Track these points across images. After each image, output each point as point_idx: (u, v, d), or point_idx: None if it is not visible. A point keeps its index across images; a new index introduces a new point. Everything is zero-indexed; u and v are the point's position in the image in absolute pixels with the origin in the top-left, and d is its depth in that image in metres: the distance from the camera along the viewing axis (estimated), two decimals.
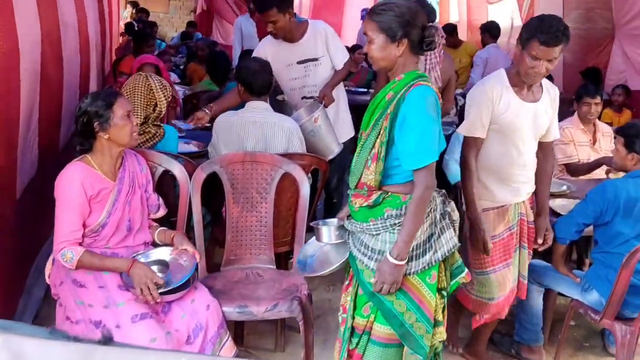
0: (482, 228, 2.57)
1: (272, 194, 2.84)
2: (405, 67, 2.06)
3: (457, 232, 2.18)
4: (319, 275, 2.34)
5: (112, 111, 2.32)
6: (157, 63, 3.94)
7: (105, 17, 6.47)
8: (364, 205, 2.10)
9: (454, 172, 3.95)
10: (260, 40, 5.34)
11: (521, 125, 2.56)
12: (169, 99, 2.99)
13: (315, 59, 3.61)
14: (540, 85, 2.61)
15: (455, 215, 2.18)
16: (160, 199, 2.65)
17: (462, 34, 9.47)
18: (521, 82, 2.54)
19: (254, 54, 3.70)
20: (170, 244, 2.52)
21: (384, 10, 2.01)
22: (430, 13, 3.41)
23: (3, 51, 2.38)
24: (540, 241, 2.76)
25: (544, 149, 2.73)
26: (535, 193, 2.76)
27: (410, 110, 1.98)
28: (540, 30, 2.36)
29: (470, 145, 2.61)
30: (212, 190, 3.00)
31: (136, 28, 7.56)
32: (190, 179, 2.70)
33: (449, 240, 2.11)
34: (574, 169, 3.82)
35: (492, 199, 2.65)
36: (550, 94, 2.65)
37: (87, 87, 4.82)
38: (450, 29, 7.08)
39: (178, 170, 2.71)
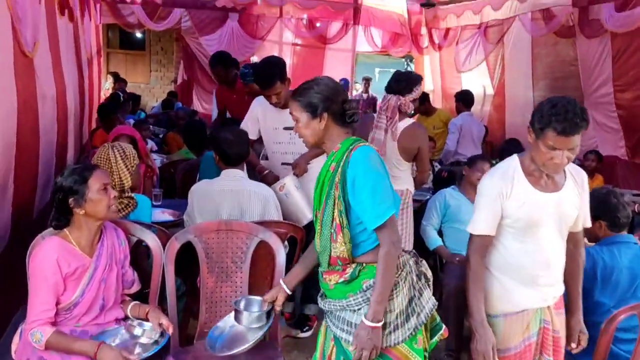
0: (484, 340, 2.27)
1: (247, 263, 2.80)
2: (338, 138, 2.12)
3: (431, 288, 2.18)
4: (232, 354, 2.23)
5: (87, 186, 2.29)
6: (133, 134, 3.90)
7: (85, 87, 6.54)
8: (339, 281, 2.07)
9: (432, 238, 3.96)
10: (220, 110, 5.56)
11: (541, 220, 2.25)
12: (133, 169, 2.95)
13: None
14: (563, 169, 2.30)
15: (429, 274, 2.18)
16: (136, 273, 2.59)
17: (438, 102, 9.77)
18: (538, 170, 2.26)
19: (249, 112, 3.78)
20: (145, 319, 2.43)
21: (305, 90, 2.13)
22: (416, 80, 3.61)
23: None
24: (574, 345, 2.46)
25: (575, 239, 2.42)
26: (565, 287, 2.44)
27: (357, 171, 2.01)
28: (556, 118, 2.07)
29: (476, 243, 2.33)
30: (188, 259, 2.95)
31: (122, 99, 7.66)
32: (164, 248, 2.66)
33: (428, 300, 2.11)
34: None
35: (512, 302, 2.34)
36: (576, 179, 2.34)
37: (65, 155, 4.81)
38: (422, 97, 7.26)
39: (151, 240, 2.67)
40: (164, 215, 3.54)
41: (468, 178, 4.04)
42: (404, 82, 3.58)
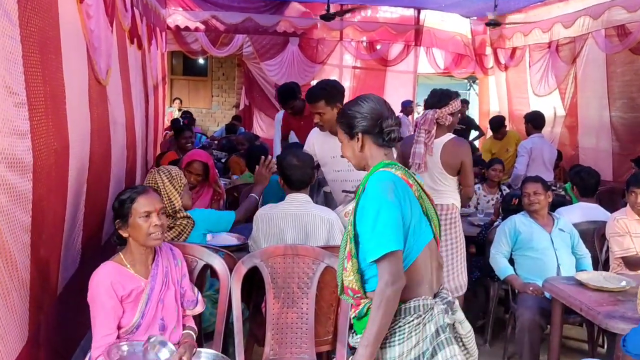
0: None
1: (313, 288, 2.81)
2: (374, 160, 2.05)
3: (470, 347, 1.98)
4: None
5: (131, 210, 2.36)
6: (206, 161, 4.04)
7: (150, 113, 6.80)
8: (353, 316, 2.01)
9: (502, 267, 3.86)
10: (284, 134, 5.74)
11: None
12: (182, 188, 3.05)
13: None
14: None
15: (464, 329, 1.95)
16: (199, 294, 2.64)
17: None
18: None
19: (307, 140, 3.92)
20: None
21: (343, 112, 2.11)
22: (452, 94, 3.80)
23: (54, 148, 2.51)
24: None
25: None
26: None
27: (366, 198, 1.93)
28: None
29: None
30: (249, 284, 2.99)
31: (182, 123, 7.96)
32: (230, 273, 2.70)
33: (450, 358, 1.85)
34: (632, 262, 3.67)
35: None
36: None
37: (133, 181, 4.99)
38: (498, 123, 7.25)
39: (219, 264, 2.72)
40: (230, 238, 3.60)
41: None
42: (437, 96, 3.76)
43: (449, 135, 3.78)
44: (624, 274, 3.48)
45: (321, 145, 3.77)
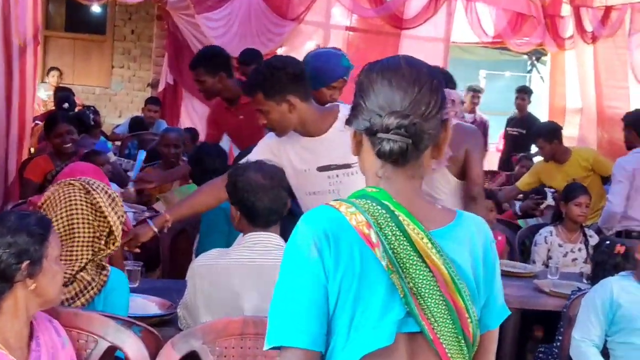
0: None
1: None
2: (366, 176, 1.96)
3: None
4: None
5: (46, 248, 2.38)
6: (100, 179, 3.94)
7: (14, 92, 6.73)
8: None
9: None
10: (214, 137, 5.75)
11: None
12: (123, 219, 3.09)
13: (348, 166, 3.69)
14: None
15: None
16: None
17: (590, 128, 9.64)
18: None
19: (255, 152, 3.88)
20: None
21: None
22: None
23: None
24: None
25: None
26: None
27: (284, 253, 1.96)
28: None
29: None
30: None
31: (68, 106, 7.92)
32: None
33: None
34: None
35: None
36: None
37: None
38: (551, 133, 7.06)
39: (133, 346, 2.71)
40: (149, 305, 3.59)
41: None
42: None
43: (452, 121, 4.13)
44: None
45: (283, 152, 3.83)
